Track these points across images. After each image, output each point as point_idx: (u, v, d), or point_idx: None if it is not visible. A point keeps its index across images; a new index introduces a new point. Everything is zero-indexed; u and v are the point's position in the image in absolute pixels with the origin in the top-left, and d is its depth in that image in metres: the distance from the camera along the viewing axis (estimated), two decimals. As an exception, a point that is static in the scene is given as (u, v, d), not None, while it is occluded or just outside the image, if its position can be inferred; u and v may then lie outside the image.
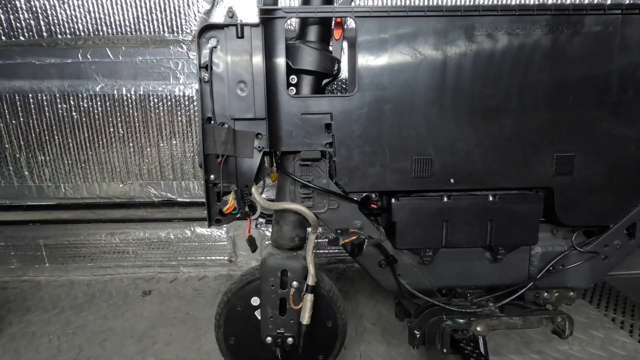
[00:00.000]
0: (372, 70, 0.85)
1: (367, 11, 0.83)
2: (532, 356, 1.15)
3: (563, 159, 0.90)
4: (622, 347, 1.19)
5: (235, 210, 0.75)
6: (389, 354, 1.17)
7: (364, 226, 0.94)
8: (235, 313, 0.91)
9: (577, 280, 1.00)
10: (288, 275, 0.86)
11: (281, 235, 0.91)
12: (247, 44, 0.81)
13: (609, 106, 0.89)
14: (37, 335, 1.30)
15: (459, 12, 0.83)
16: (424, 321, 0.95)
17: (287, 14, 0.82)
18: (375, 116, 0.87)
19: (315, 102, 0.86)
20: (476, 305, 0.97)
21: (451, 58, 0.85)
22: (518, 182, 0.92)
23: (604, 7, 0.84)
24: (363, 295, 1.53)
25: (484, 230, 0.92)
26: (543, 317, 0.95)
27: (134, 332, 1.31)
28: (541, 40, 0.85)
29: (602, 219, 0.96)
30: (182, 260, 1.75)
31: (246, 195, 0.76)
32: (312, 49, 0.86)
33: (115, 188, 1.68)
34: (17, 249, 1.71)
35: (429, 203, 0.91)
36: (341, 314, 0.94)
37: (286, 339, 0.87)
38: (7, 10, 1.48)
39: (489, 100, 0.87)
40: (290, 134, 0.87)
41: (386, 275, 0.97)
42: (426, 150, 0.88)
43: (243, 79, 0.82)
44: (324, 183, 0.91)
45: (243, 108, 0.83)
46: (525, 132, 0.89)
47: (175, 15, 1.53)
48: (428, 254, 0.94)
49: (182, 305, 1.49)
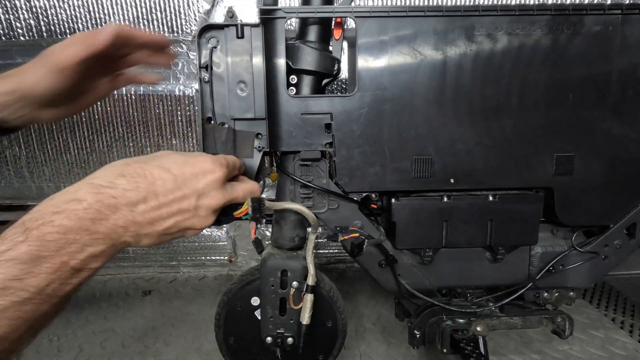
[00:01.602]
0: (372, 70, 0.85)
1: (367, 11, 0.83)
2: (532, 356, 1.15)
3: (563, 159, 0.90)
4: (622, 347, 1.19)
5: (247, 215, 0.74)
6: (389, 353, 1.17)
7: (364, 226, 0.94)
8: (236, 313, 0.91)
9: (577, 280, 1.00)
10: (288, 275, 0.86)
11: (281, 235, 0.91)
12: (247, 44, 0.81)
13: (609, 106, 0.88)
14: (37, 335, 1.30)
15: (459, 12, 0.83)
16: (424, 321, 0.95)
17: (287, 14, 0.82)
18: (375, 116, 0.87)
19: (315, 102, 0.86)
20: (476, 305, 0.97)
21: (451, 58, 0.85)
22: (518, 182, 0.92)
23: (603, 7, 0.84)
24: (363, 295, 1.53)
25: (484, 230, 0.92)
26: (543, 317, 0.95)
27: (134, 332, 1.31)
28: (541, 40, 0.85)
29: (602, 219, 0.96)
30: (182, 260, 1.75)
31: (263, 205, 0.75)
32: (312, 49, 0.86)
33: (115, 188, 1.68)
34: (17, 249, 1.70)
35: (429, 203, 0.91)
36: (341, 314, 0.94)
37: (286, 339, 0.87)
38: (7, 10, 1.48)
39: (489, 100, 0.87)
40: (290, 134, 0.87)
41: (386, 275, 0.97)
42: (426, 150, 0.88)
43: (243, 79, 0.82)
44: (324, 183, 0.91)
45: (243, 108, 0.83)
46: (525, 132, 0.89)
47: (175, 15, 1.52)
48: (428, 254, 0.94)
49: (182, 305, 1.49)
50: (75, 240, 0.49)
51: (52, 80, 0.72)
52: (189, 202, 0.60)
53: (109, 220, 0.52)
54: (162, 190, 0.57)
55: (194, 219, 0.62)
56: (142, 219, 0.55)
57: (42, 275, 0.46)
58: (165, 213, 0.58)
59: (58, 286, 0.48)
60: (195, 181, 0.61)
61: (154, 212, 0.57)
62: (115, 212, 0.53)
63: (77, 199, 0.50)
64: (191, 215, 0.61)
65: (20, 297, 0.45)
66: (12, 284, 0.44)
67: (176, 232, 0.62)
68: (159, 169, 0.58)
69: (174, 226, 0.60)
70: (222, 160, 0.67)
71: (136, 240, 0.57)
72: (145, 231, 0.57)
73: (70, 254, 0.48)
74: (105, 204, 0.52)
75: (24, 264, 0.45)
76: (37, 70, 0.71)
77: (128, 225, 0.54)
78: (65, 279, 0.49)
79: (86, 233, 0.50)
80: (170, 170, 0.59)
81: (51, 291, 0.47)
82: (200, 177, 0.62)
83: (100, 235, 0.51)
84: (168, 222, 0.59)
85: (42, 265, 0.46)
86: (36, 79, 0.70)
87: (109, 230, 0.52)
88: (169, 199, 0.58)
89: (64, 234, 0.48)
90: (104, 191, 0.52)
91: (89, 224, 0.50)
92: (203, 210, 0.62)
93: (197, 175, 0.61)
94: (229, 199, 0.66)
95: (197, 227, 0.63)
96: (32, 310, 0.46)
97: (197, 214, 0.62)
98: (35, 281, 0.46)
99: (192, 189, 0.60)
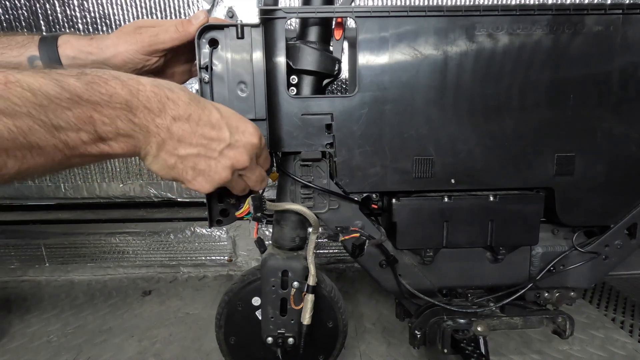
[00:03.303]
0: (373, 70, 0.85)
1: (368, 11, 0.83)
2: (532, 356, 1.15)
3: (564, 159, 0.90)
4: (622, 347, 1.19)
5: (249, 214, 0.74)
6: (389, 353, 1.17)
7: (364, 226, 0.94)
8: (236, 313, 0.91)
9: (578, 280, 1.00)
10: (289, 275, 0.86)
11: (282, 235, 0.91)
12: (248, 44, 0.81)
13: (609, 106, 0.88)
14: (36, 336, 1.30)
15: (460, 12, 0.83)
16: (425, 321, 0.95)
17: (288, 14, 0.82)
18: (375, 116, 0.87)
19: (315, 103, 0.86)
20: (477, 306, 0.97)
21: (452, 58, 0.85)
22: (519, 183, 0.92)
23: (605, 7, 0.84)
24: (363, 295, 1.53)
25: (485, 230, 0.92)
26: (544, 317, 0.95)
27: (134, 332, 1.31)
28: (542, 40, 0.85)
29: (603, 219, 0.96)
30: (182, 260, 1.75)
31: (264, 204, 0.75)
32: (313, 49, 0.86)
33: (115, 188, 1.68)
34: (17, 249, 1.71)
35: (429, 203, 0.91)
36: (342, 315, 0.94)
37: (287, 339, 0.87)
38: (7, 10, 1.48)
39: (490, 100, 0.87)
40: (291, 135, 0.87)
41: (387, 276, 0.97)
42: (427, 151, 0.88)
43: (243, 80, 0.82)
44: (324, 183, 0.91)
45: (244, 108, 0.82)
46: (526, 132, 0.89)
47: (175, 15, 1.52)
48: (429, 254, 0.94)
49: (182, 305, 1.49)
50: (115, 107, 0.50)
51: (138, 59, 0.73)
52: (218, 144, 0.62)
53: (151, 113, 0.54)
54: (205, 120, 0.60)
55: (212, 161, 0.63)
56: (175, 131, 0.57)
57: (68, 113, 0.46)
58: (195, 140, 0.60)
59: (73, 136, 0.47)
60: (235, 131, 0.64)
61: (187, 132, 0.59)
62: (161, 111, 0.55)
63: (139, 81, 0.53)
64: (212, 157, 0.63)
65: (37, 116, 0.43)
66: (40, 99, 0.43)
67: (188, 170, 0.62)
68: (212, 104, 0.62)
69: (192, 158, 0.61)
70: (261, 133, 0.70)
71: (155, 152, 0.58)
72: (168, 146, 0.58)
73: (102, 117, 0.49)
74: (157, 99, 0.54)
75: (61, 90, 0.45)
76: (121, 44, 0.71)
77: (160, 128, 0.56)
78: (82, 136, 0.48)
79: (126, 109, 0.51)
80: (220, 110, 0.63)
81: (65, 137, 0.47)
82: (240, 131, 0.65)
83: (136, 119, 0.53)
84: (191, 149, 0.60)
85: (74, 106, 0.46)
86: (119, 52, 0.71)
87: (145, 121, 0.54)
88: (205, 131, 0.61)
89: (110, 96, 0.49)
90: (164, 89, 0.55)
91: (134, 104, 0.52)
92: (226, 159, 0.64)
93: (239, 128, 0.65)
94: (251, 167, 0.68)
95: (210, 173, 0.64)
96: (38, 139, 0.44)
97: (218, 160, 0.63)
98: (60, 113, 0.45)
99: (228, 135, 0.63)
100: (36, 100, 0.43)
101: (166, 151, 0.59)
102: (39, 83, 0.43)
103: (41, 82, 0.44)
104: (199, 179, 0.64)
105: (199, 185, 0.65)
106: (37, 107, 0.43)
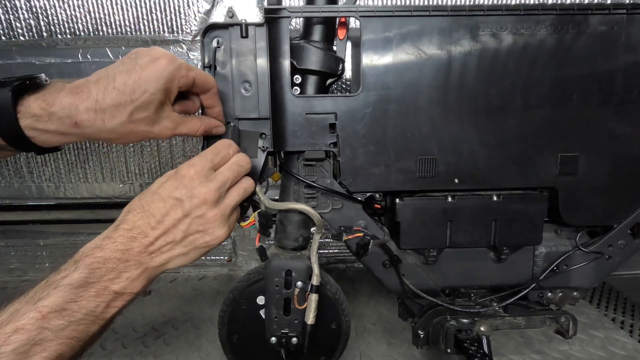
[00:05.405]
0: (377, 70, 0.85)
1: (372, 11, 0.82)
2: (532, 356, 1.15)
3: (567, 159, 0.90)
4: (622, 347, 1.19)
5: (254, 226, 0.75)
6: (390, 353, 1.17)
7: (368, 226, 0.94)
8: (241, 311, 0.91)
9: (581, 280, 1.00)
10: (292, 275, 0.86)
11: (285, 235, 0.91)
12: (252, 43, 0.81)
13: (613, 106, 0.89)
14: (37, 336, 1.29)
15: (464, 11, 0.83)
16: (428, 321, 0.95)
17: (292, 13, 0.82)
18: (379, 116, 0.86)
19: (319, 102, 0.86)
20: (480, 305, 0.97)
21: (456, 58, 0.85)
22: (522, 182, 0.91)
23: (609, 6, 0.84)
24: (363, 295, 1.53)
25: (488, 230, 0.92)
26: (547, 317, 0.95)
27: (134, 332, 1.30)
28: (546, 40, 0.85)
29: (606, 219, 0.96)
30: (182, 260, 1.74)
31: (271, 221, 0.76)
32: (317, 48, 0.86)
33: (115, 188, 1.67)
34: (17, 249, 1.70)
35: (433, 203, 0.91)
36: (345, 317, 0.94)
37: (290, 339, 0.87)
38: (7, 10, 1.47)
39: (494, 100, 0.87)
40: (294, 134, 0.86)
41: (390, 275, 0.97)
42: (431, 150, 0.88)
43: (247, 79, 0.82)
44: (328, 183, 0.91)
45: (247, 108, 0.82)
46: (529, 132, 0.89)
47: (175, 15, 1.52)
48: (432, 254, 0.94)
49: (182, 305, 1.48)
50: (113, 268, 0.58)
51: None
52: (182, 208, 0.65)
53: (133, 249, 0.61)
54: (157, 212, 0.64)
55: (199, 219, 0.66)
56: (155, 240, 0.63)
57: (91, 298, 0.56)
58: (171, 225, 0.64)
59: (104, 309, 0.58)
60: (178, 190, 0.66)
61: (160, 231, 0.63)
62: (134, 241, 0.62)
63: (109, 237, 0.61)
64: (194, 217, 0.65)
65: (75, 318, 0.54)
66: (69, 306, 0.53)
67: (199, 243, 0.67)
68: (151, 195, 0.66)
69: (189, 234, 0.66)
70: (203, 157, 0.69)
71: (165, 260, 0.65)
72: (167, 250, 0.65)
73: (111, 280, 0.58)
74: (126, 237, 0.61)
75: (76, 288, 0.55)
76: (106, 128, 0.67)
77: (147, 248, 0.62)
78: (110, 301, 0.58)
79: (120, 261, 0.59)
80: (157, 192, 0.66)
81: (99, 313, 0.57)
82: (180, 184, 0.66)
83: (131, 262, 0.60)
84: (178, 233, 0.65)
85: (90, 289, 0.56)
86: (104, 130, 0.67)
87: (136, 256, 0.61)
88: (166, 216, 0.64)
89: (104, 264, 0.58)
90: (121, 227, 0.62)
91: (120, 254, 0.60)
92: (201, 208, 0.66)
93: (178, 185, 0.66)
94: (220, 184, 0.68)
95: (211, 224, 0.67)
96: (84, 330, 0.55)
97: (199, 214, 0.66)
98: (86, 303, 0.55)
99: (177, 198, 0.65)
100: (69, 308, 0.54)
101: (173, 256, 0.65)
102: (61, 298, 0.54)
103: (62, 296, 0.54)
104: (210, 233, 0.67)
105: (216, 237, 0.68)
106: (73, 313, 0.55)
